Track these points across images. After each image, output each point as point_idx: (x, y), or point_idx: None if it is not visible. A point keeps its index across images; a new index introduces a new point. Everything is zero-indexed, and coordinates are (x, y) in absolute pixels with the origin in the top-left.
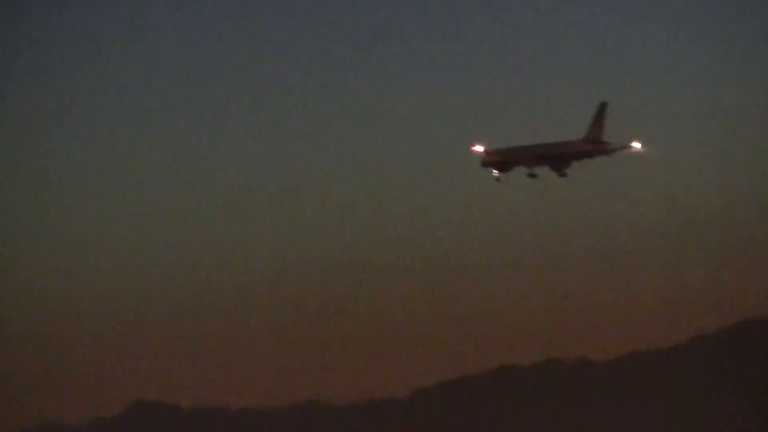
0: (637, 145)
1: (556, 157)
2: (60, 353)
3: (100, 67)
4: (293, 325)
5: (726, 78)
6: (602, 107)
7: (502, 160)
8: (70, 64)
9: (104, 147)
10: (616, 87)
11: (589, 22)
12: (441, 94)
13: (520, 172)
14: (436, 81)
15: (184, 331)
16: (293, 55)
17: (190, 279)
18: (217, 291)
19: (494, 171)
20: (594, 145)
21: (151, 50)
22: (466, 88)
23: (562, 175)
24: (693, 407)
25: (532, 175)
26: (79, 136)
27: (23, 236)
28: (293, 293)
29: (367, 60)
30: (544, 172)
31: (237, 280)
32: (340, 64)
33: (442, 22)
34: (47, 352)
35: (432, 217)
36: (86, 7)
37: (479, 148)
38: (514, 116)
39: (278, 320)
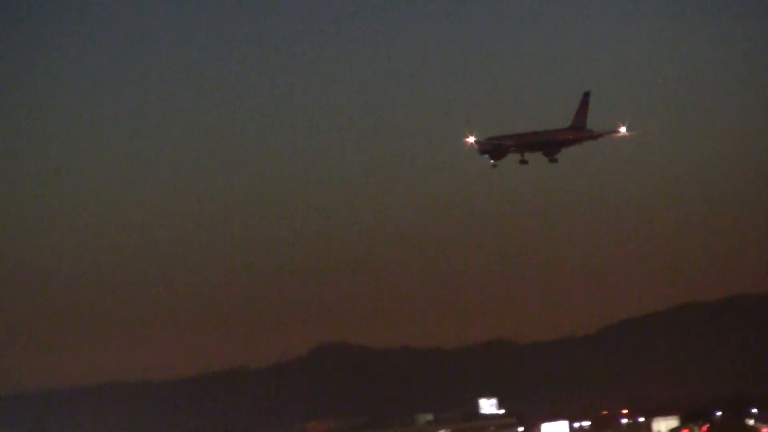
0: (623, 129)
1: (546, 144)
2: None
3: None
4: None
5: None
6: (585, 96)
7: (493, 148)
8: None
9: None
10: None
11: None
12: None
13: (515, 158)
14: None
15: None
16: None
17: None
18: None
19: (491, 159)
20: (579, 132)
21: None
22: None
23: (553, 160)
24: None
25: (524, 162)
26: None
27: None
28: None
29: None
30: (536, 157)
31: None
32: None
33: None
34: None
35: None
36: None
37: (471, 139)
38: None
39: None
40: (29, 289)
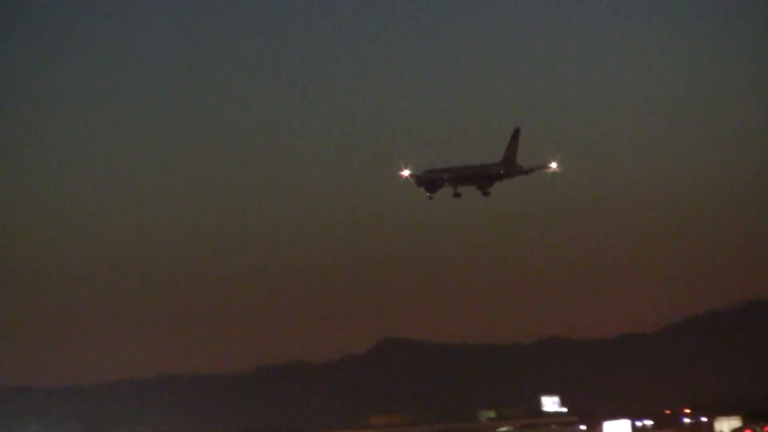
0: (553, 165)
1: (479, 178)
2: None
3: None
4: None
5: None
6: (516, 132)
7: (428, 182)
8: None
9: None
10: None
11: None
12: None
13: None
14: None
15: None
16: None
17: None
18: None
19: (427, 192)
20: (509, 167)
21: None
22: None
23: (486, 194)
24: None
25: (457, 195)
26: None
27: None
28: None
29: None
30: (469, 191)
31: None
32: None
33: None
34: None
35: None
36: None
37: (406, 173)
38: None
39: None
40: (88, 283)
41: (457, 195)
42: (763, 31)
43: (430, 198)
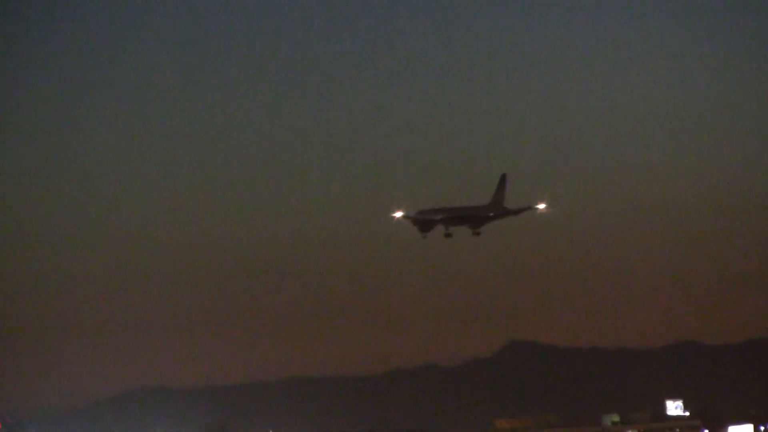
0: (541, 206)
1: (469, 219)
2: None
3: None
4: None
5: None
6: (503, 178)
7: (422, 222)
8: None
9: None
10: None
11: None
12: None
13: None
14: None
15: None
16: None
17: None
18: None
19: (421, 231)
20: (498, 209)
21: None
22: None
23: (476, 233)
24: None
25: (448, 235)
26: None
27: None
28: None
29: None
30: (461, 230)
31: None
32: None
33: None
34: None
35: None
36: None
37: (398, 214)
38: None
39: None
40: (212, 286)
41: (448, 235)
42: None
43: (424, 237)
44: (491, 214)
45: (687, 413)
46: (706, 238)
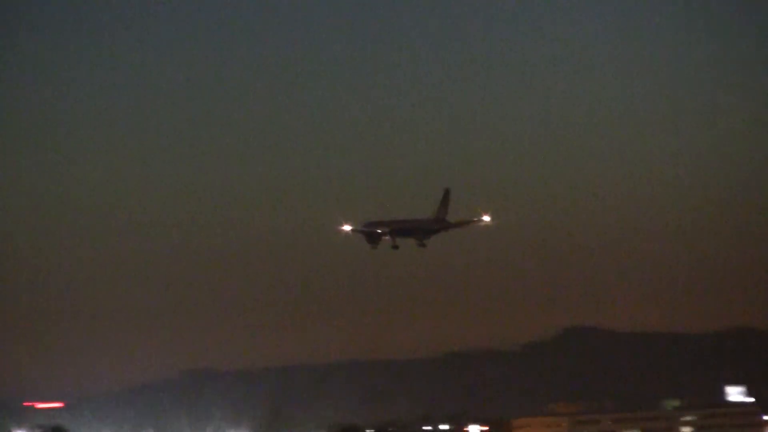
0: (486, 218)
1: (414, 232)
2: None
3: None
4: None
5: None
6: (446, 192)
7: (368, 235)
8: None
9: None
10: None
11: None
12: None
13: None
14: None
15: None
16: None
17: None
18: None
19: (368, 243)
20: (442, 222)
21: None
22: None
23: (421, 245)
24: None
25: (395, 247)
26: None
27: None
28: None
29: None
30: (407, 242)
31: None
32: None
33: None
34: None
35: None
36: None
37: (347, 227)
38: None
39: None
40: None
41: (395, 247)
42: None
43: (373, 249)
44: (435, 227)
45: (749, 399)
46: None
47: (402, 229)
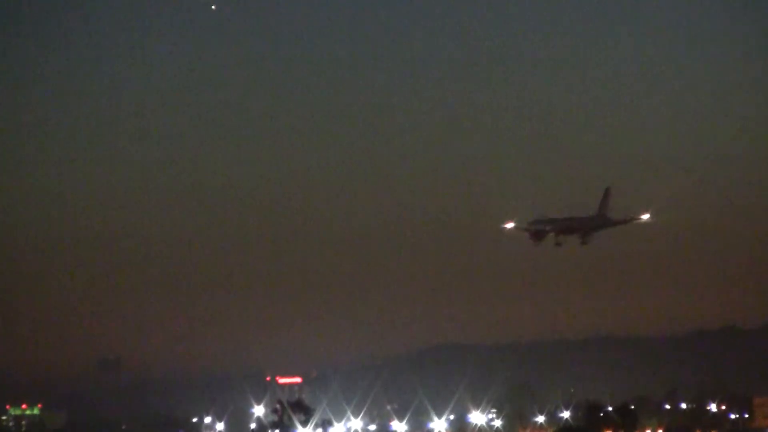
0: (646, 216)
1: (577, 229)
2: None
3: None
4: None
5: None
6: (607, 191)
7: (534, 233)
8: None
9: None
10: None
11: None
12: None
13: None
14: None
15: None
16: None
17: None
18: None
19: (534, 240)
20: (605, 219)
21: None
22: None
23: (584, 243)
24: None
25: (558, 244)
26: None
27: None
28: None
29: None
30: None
31: None
32: None
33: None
34: None
35: None
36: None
37: (510, 225)
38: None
39: None
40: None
41: (558, 244)
42: None
43: (536, 246)
44: (600, 224)
45: None
46: None
47: (565, 228)
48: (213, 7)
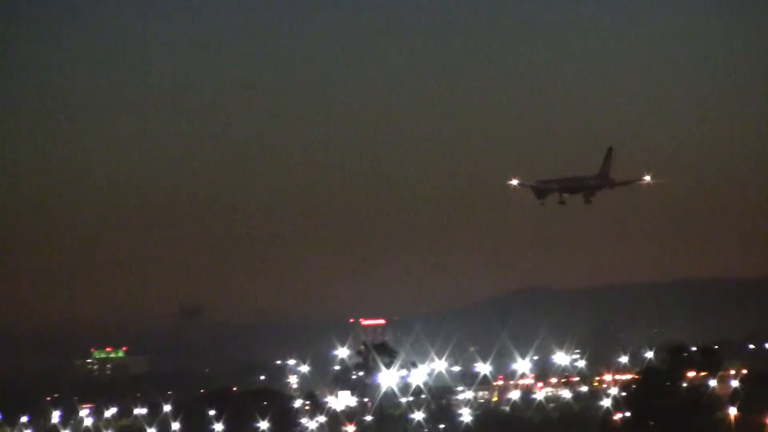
0: (647, 177)
1: (581, 189)
2: None
3: None
4: None
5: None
6: (609, 151)
7: (538, 191)
8: None
9: None
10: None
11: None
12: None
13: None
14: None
15: None
16: None
17: None
18: None
19: (538, 198)
20: (607, 179)
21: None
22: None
23: (588, 202)
24: None
25: (562, 203)
26: None
27: None
28: None
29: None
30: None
31: None
32: None
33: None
34: None
35: None
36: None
37: (514, 182)
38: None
39: None
40: None
41: (561, 202)
42: None
43: (541, 204)
44: (602, 183)
45: None
46: None
47: (569, 187)
48: None
